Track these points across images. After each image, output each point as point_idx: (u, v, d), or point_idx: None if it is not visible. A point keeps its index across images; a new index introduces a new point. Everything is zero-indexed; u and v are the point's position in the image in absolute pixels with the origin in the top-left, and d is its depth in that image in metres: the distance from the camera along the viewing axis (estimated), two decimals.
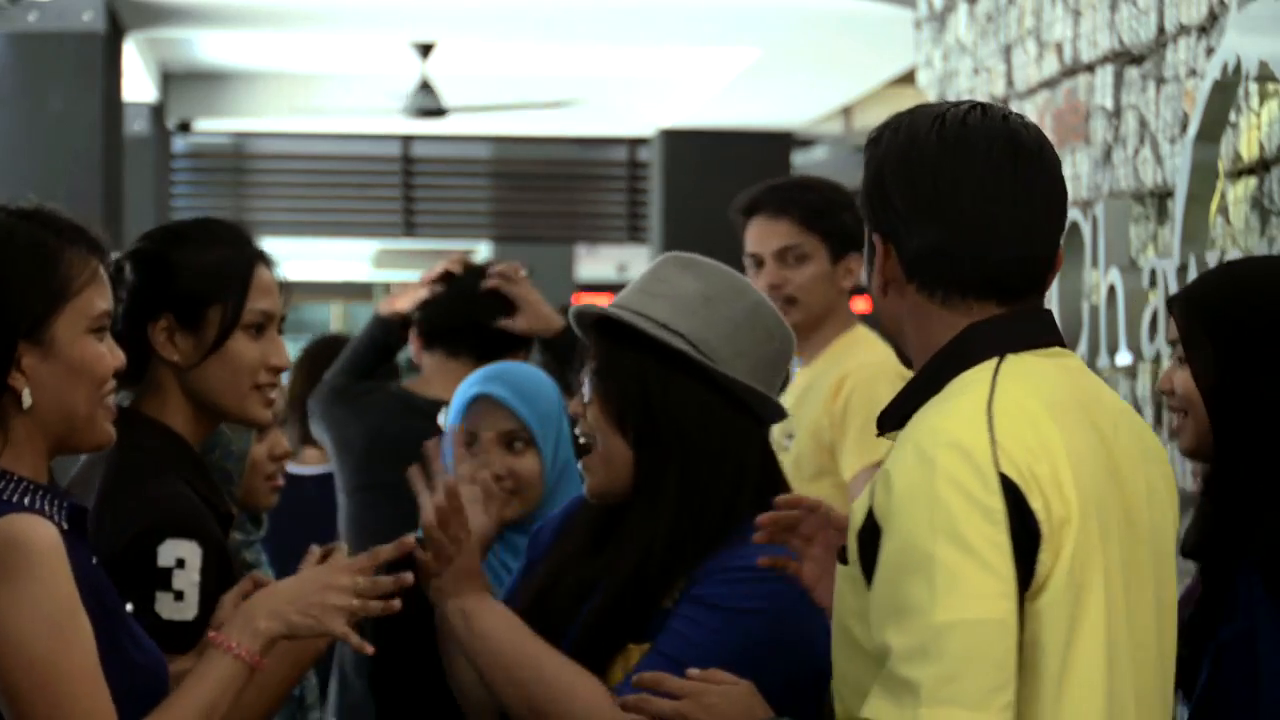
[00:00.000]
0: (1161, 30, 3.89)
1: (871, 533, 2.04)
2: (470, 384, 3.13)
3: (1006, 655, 1.98)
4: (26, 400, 2.16)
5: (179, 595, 2.47)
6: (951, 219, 2.15)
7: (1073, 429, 2.08)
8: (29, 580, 2.05)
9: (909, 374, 2.22)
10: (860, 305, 4.86)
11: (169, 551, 2.48)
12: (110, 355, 2.21)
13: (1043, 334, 2.18)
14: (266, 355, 2.64)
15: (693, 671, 2.28)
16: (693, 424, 2.51)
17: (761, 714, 2.24)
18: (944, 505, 1.99)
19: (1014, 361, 2.13)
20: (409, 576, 2.35)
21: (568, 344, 3.84)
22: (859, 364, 3.96)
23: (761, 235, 3.98)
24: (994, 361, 2.13)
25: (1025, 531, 2.00)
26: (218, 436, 2.91)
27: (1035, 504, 2.00)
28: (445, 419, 3.19)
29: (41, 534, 2.08)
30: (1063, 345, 2.17)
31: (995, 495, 1.99)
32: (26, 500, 2.13)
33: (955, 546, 1.98)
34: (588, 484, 2.57)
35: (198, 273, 2.63)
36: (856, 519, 2.09)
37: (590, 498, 2.58)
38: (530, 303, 4.17)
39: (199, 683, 2.21)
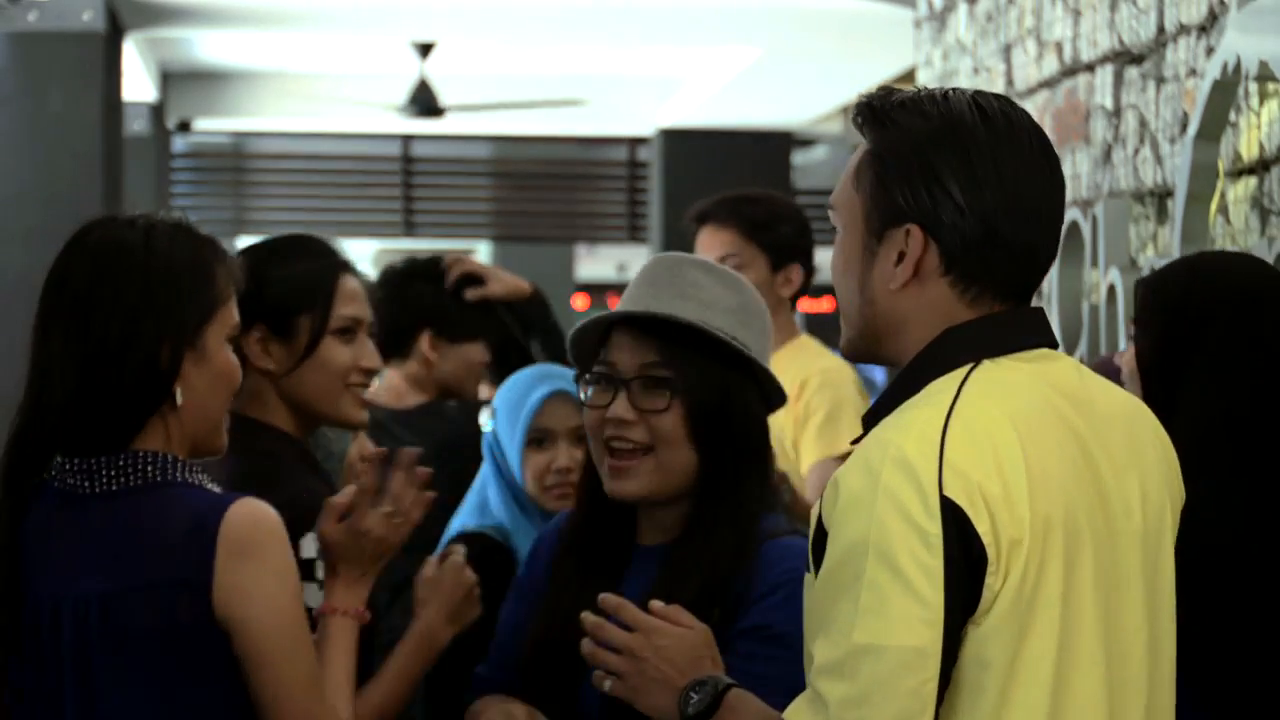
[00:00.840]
0: (1161, 30, 3.89)
1: (821, 539, 2.00)
2: (533, 384, 3.25)
3: (922, 685, 1.93)
4: (179, 398, 2.35)
5: (321, 584, 2.60)
6: (1007, 208, 2.07)
7: (1041, 440, 2.01)
8: (274, 552, 2.31)
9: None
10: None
11: (310, 544, 2.62)
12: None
13: (1026, 335, 2.10)
14: (357, 358, 2.81)
15: (655, 604, 2.23)
16: (759, 435, 2.56)
17: (710, 668, 2.20)
18: (881, 524, 1.93)
19: (987, 368, 2.06)
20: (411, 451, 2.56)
21: (534, 311, 4.08)
22: (822, 368, 4.16)
23: (706, 244, 4.23)
24: (965, 369, 2.06)
25: (968, 556, 1.94)
26: (318, 438, 3.01)
27: (981, 527, 1.94)
28: (488, 421, 3.32)
29: (273, 514, 2.33)
30: (1051, 344, 2.11)
31: (934, 520, 1.93)
32: (221, 490, 2.38)
33: (885, 568, 1.93)
34: (626, 486, 2.52)
35: (286, 285, 2.78)
36: (811, 526, 2.04)
37: (622, 498, 2.53)
38: (496, 273, 4.21)
39: (339, 653, 2.49)
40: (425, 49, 9.96)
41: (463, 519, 3.31)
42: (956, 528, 1.94)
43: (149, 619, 2.29)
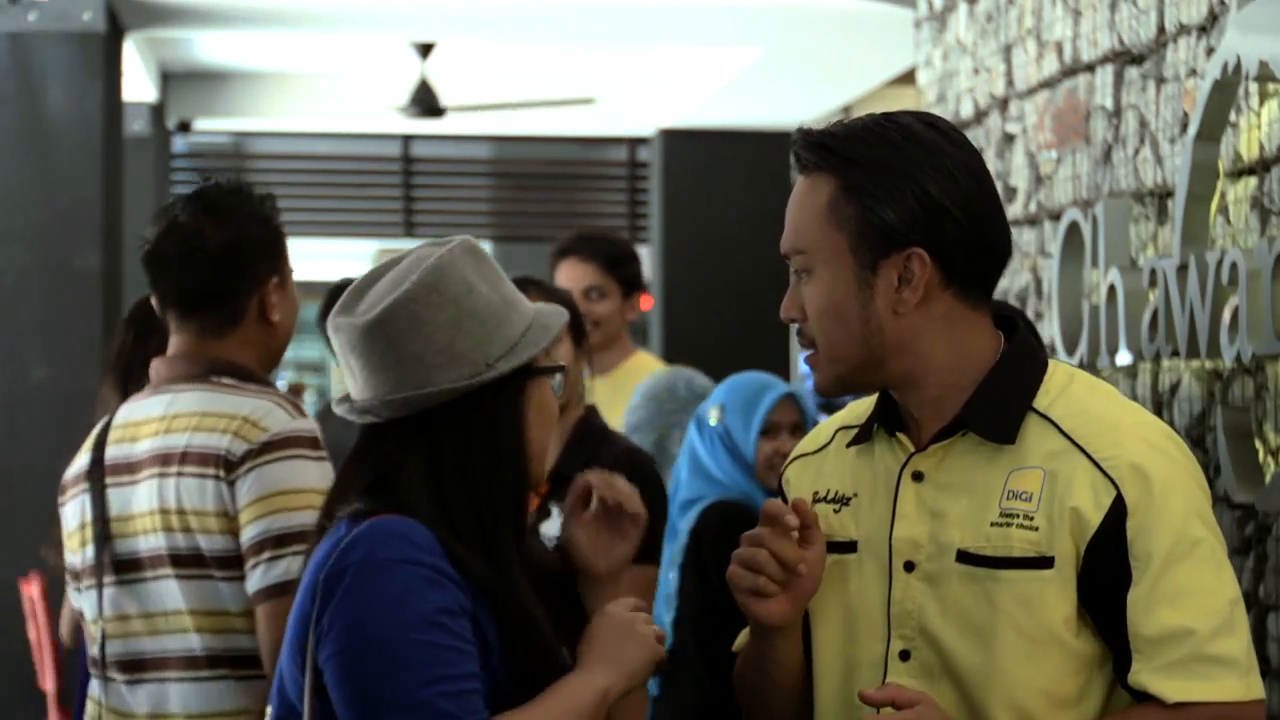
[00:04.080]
0: (1161, 30, 3.88)
1: (1114, 530, 2.11)
2: (763, 388, 4.35)
3: None
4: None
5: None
6: (988, 208, 2.20)
7: None
8: None
9: None
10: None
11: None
12: None
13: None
14: None
15: (878, 694, 2.14)
16: None
17: None
18: (1191, 494, 2.15)
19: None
20: None
21: None
22: (630, 405, 4.98)
23: (572, 274, 5.26)
24: (1057, 361, 2.26)
25: None
26: None
27: None
28: (715, 415, 4.37)
29: None
30: None
31: (1205, 480, 2.22)
32: None
33: (1210, 530, 2.15)
34: None
35: None
36: (1089, 520, 2.12)
37: None
38: None
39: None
40: (425, 49, 9.96)
41: (696, 490, 4.34)
42: None
43: None
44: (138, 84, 9.78)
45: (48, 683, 6.16)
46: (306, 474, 3.08)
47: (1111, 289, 3.89)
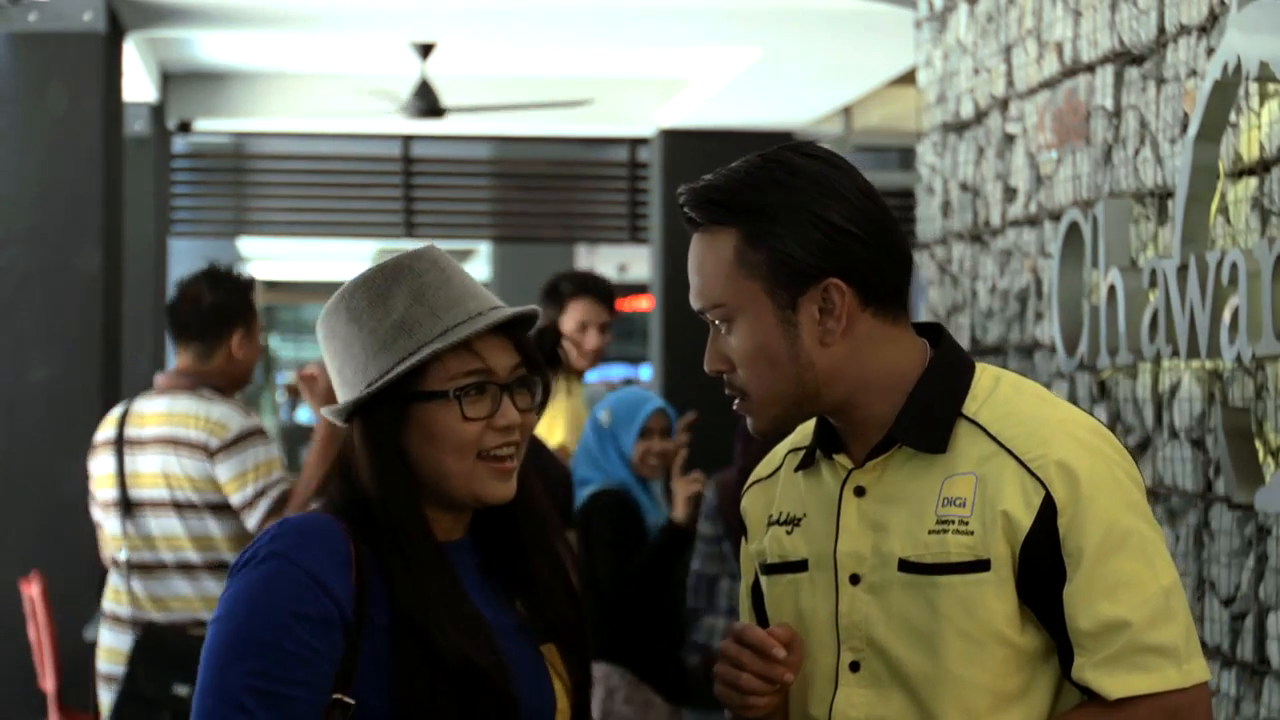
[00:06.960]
0: (1161, 30, 3.88)
1: (1046, 529, 2.14)
2: (643, 400, 5.71)
3: None
4: None
5: None
6: (887, 222, 2.25)
7: None
8: None
9: None
10: None
11: None
12: None
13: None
14: None
15: None
16: None
17: None
18: (1124, 486, 2.17)
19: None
20: None
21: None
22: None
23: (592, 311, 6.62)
24: (984, 364, 2.28)
25: None
26: None
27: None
28: (608, 419, 5.65)
29: None
30: None
31: (1137, 470, 2.22)
32: None
33: (1144, 521, 2.17)
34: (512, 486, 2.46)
35: None
36: (1020, 521, 2.16)
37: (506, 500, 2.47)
38: None
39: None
40: (425, 49, 9.95)
41: (584, 474, 5.60)
42: None
43: None
44: (138, 84, 9.78)
45: (48, 683, 6.16)
46: (258, 454, 4.87)
47: (1111, 289, 3.89)
